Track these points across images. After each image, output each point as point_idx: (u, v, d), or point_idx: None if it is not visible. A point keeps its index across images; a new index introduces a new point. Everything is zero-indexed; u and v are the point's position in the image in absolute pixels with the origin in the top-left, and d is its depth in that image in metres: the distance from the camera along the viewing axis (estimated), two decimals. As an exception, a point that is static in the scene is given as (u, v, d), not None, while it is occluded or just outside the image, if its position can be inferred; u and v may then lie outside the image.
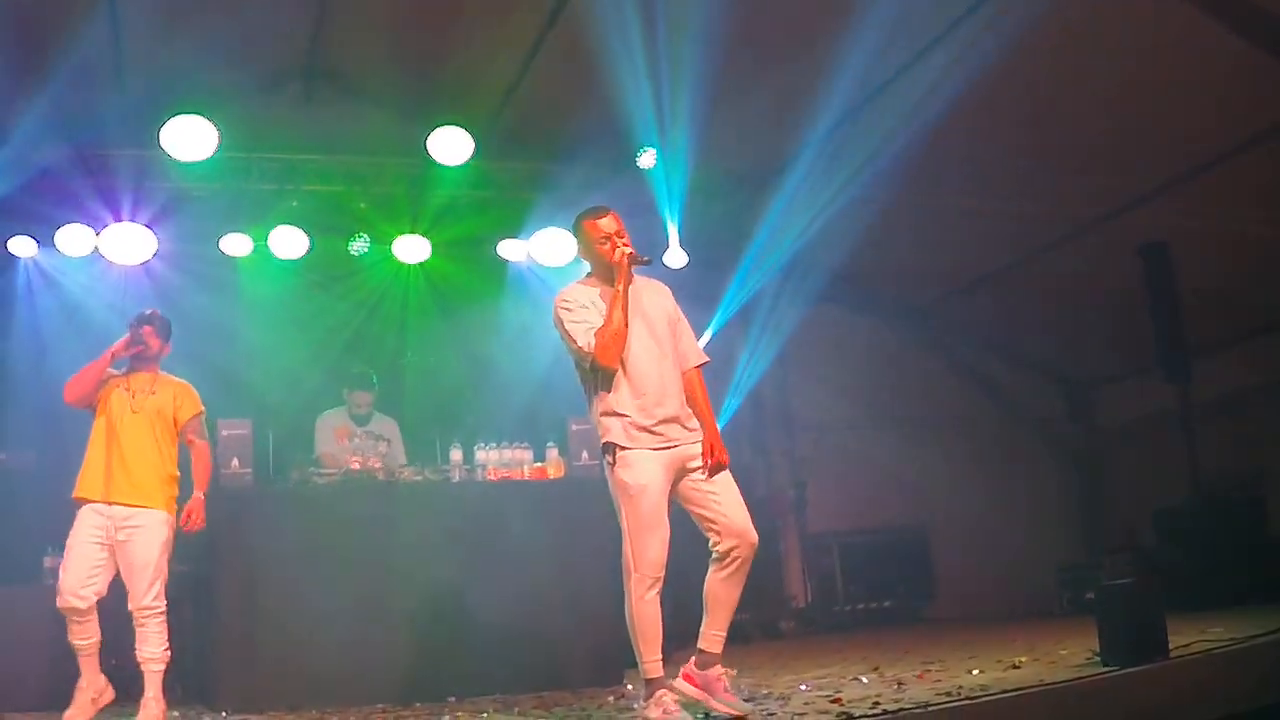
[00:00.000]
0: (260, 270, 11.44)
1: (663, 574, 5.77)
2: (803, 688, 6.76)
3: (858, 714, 5.02)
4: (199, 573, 9.05)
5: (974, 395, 15.46)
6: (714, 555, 5.86)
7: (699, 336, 11.69)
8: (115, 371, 7.32)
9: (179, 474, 7.31)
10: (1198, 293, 11.62)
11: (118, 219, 11.06)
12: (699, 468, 5.87)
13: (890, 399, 14.57)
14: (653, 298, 6.11)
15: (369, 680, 7.93)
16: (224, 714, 7.59)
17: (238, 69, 11.27)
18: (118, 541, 7.01)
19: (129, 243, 11.11)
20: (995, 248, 12.46)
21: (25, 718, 7.48)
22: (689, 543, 5.98)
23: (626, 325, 5.85)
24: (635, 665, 8.11)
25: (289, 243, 11.35)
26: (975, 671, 6.65)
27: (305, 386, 10.63)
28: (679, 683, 5.89)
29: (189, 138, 10.47)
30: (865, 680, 6.84)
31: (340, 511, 8.25)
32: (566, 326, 5.93)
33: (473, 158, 11.18)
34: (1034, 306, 13.86)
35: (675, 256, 11.88)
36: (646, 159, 11.22)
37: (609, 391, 5.91)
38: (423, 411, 10.22)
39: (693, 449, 5.88)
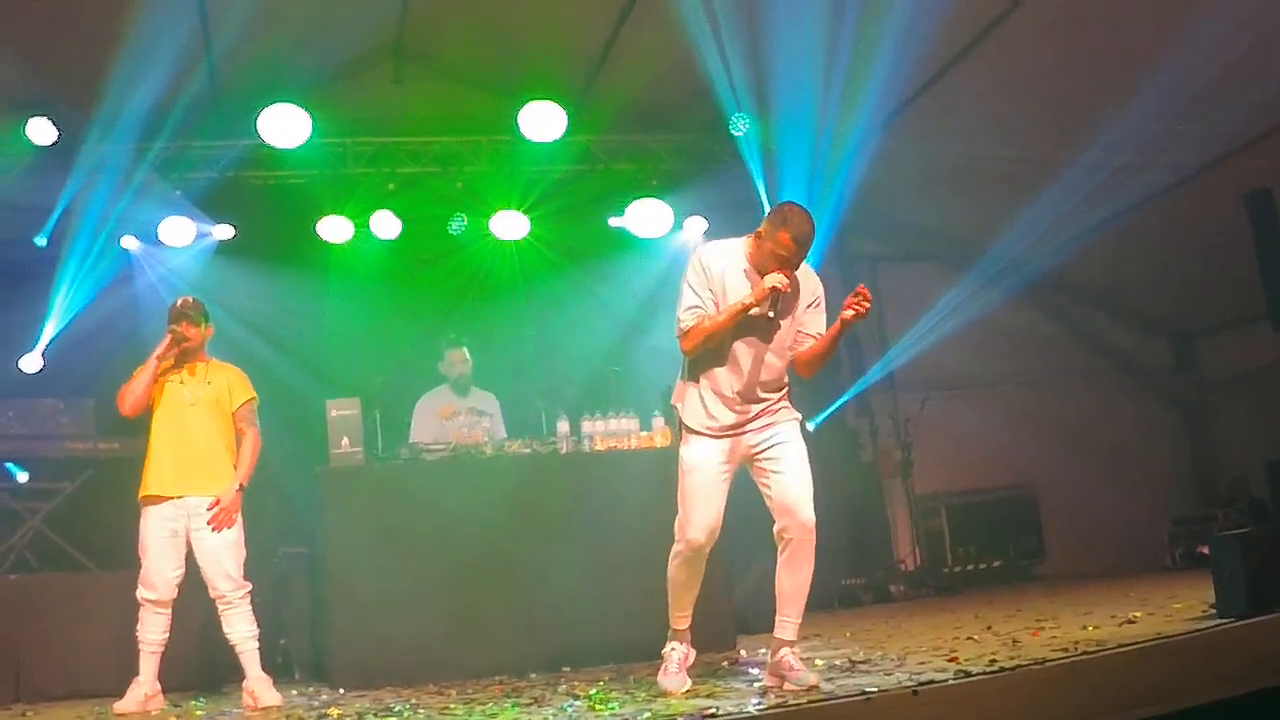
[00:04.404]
0: (359, 254, 11.55)
1: (700, 550, 5.95)
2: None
3: (975, 671, 5.00)
4: (311, 551, 9.21)
5: (1078, 350, 15.28)
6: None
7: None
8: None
9: None
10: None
11: (216, 209, 11.30)
12: (764, 449, 5.88)
13: (994, 356, 14.41)
14: (790, 297, 5.93)
15: (484, 652, 8.01)
16: (341, 691, 7.69)
17: (327, 55, 11.39)
18: (194, 532, 7.13)
19: (226, 231, 11.33)
20: (1097, 199, 12.29)
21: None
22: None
23: (724, 337, 5.83)
24: (748, 631, 8.20)
25: (387, 225, 11.45)
26: (1090, 627, 6.62)
27: (412, 366, 10.72)
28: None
29: (283, 125, 10.62)
30: (979, 639, 6.82)
31: (450, 486, 8.31)
32: (683, 289, 5.95)
33: (566, 132, 11.21)
34: (1137, 258, 13.65)
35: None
36: (740, 125, 11.15)
37: (698, 368, 5.98)
38: (528, 385, 10.26)
39: (758, 436, 5.90)
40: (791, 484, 5.81)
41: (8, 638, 8.11)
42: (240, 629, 7.21)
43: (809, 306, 5.98)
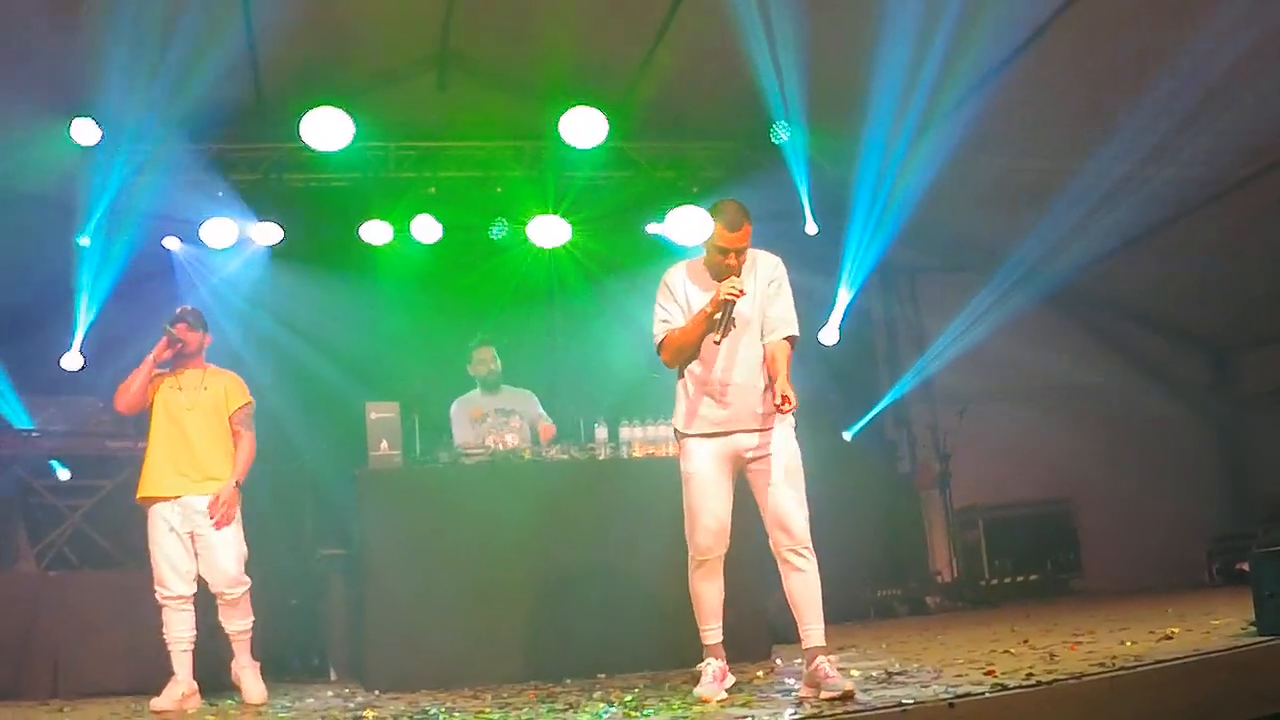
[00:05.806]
0: (400, 258, 11.57)
1: (710, 557, 6.15)
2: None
3: (1012, 685, 4.98)
4: (349, 554, 9.24)
5: (1117, 364, 15.13)
6: None
7: (830, 308, 11.62)
8: (163, 371, 7.53)
9: None
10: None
11: (259, 211, 11.35)
12: (757, 458, 6.07)
13: (1032, 370, 14.28)
14: (750, 285, 6.18)
15: (519, 657, 8.05)
16: (376, 693, 7.72)
17: (372, 60, 11.44)
18: (196, 532, 7.24)
19: (269, 233, 11.37)
20: (1136, 212, 12.21)
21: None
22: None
23: (696, 345, 6.13)
24: (784, 641, 8.18)
25: (429, 229, 11.48)
26: (1128, 643, 6.57)
27: (450, 369, 10.74)
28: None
29: (326, 129, 10.64)
30: (1016, 652, 6.78)
31: (488, 491, 8.33)
32: (654, 309, 6.35)
33: (606, 139, 11.21)
34: (1176, 271, 13.53)
35: (809, 226, 11.81)
36: (782, 133, 11.12)
37: (681, 375, 6.28)
38: (567, 391, 10.26)
39: (750, 439, 6.09)
40: (779, 497, 5.99)
41: (47, 634, 8.18)
42: (238, 622, 7.38)
43: (768, 286, 6.23)
